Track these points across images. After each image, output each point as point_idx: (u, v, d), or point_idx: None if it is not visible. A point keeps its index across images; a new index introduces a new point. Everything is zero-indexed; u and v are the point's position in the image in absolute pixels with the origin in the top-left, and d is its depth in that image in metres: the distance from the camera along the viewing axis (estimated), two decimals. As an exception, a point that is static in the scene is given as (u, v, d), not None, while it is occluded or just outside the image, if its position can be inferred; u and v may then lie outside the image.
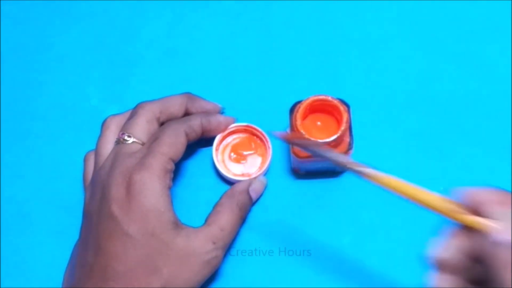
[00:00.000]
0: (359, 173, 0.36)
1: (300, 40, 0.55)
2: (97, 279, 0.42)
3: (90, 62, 0.55)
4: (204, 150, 0.51)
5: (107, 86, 0.54)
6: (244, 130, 0.51)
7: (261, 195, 0.50)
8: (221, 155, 0.51)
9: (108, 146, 0.46)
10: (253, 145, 0.51)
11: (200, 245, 0.43)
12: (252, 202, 0.49)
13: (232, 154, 0.51)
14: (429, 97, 0.52)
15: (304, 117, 0.44)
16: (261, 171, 0.49)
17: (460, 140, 0.51)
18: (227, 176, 0.49)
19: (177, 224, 0.43)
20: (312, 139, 0.43)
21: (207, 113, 0.49)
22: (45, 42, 0.56)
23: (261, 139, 0.51)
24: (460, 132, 0.51)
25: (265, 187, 0.50)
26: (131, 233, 0.41)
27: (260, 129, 0.50)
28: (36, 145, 0.53)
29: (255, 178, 0.49)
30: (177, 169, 0.50)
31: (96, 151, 0.47)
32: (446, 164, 0.50)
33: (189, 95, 0.49)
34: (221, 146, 0.51)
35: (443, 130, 0.51)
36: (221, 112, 0.51)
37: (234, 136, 0.51)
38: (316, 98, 0.43)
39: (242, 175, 0.50)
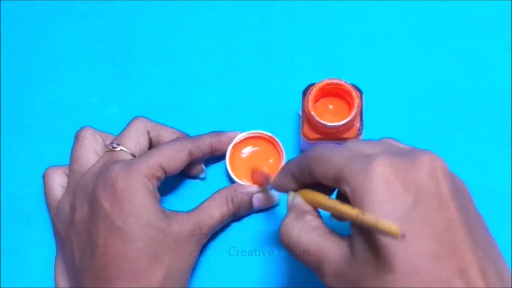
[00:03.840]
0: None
1: (318, 26, 0.54)
2: (101, 280, 0.42)
3: (91, 60, 0.55)
4: (217, 158, 0.51)
5: (108, 84, 0.54)
6: (258, 137, 0.50)
7: (265, 208, 0.49)
8: (234, 164, 0.50)
9: (90, 155, 0.46)
10: (267, 153, 0.50)
11: (191, 228, 0.44)
12: (251, 208, 0.48)
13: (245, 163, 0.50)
14: (440, 94, 0.52)
15: (317, 99, 0.44)
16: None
17: (466, 135, 0.51)
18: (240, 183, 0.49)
19: (168, 213, 0.44)
20: (323, 121, 0.43)
21: (217, 132, 0.49)
22: (46, 41, 0.56)
23: (273, 145, 0.50)
24: (467, 128, 0.51)
25: (274, 203, 0.49)
26: (128, 228, 0.42)
27: (275, 137, 0.49)
28: (37, 144, 0.52)
29: (266, 190, 0.48)
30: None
31: (74, 159, 0.46)
32: (453, 157, 0.49)
33: (184, 135, 0.49)
34: (235, 155, 0.50)
35: (452, 125, 0.51)
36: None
37: (248, 143, 0.50)
38: (329, 81, 0.44)
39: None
